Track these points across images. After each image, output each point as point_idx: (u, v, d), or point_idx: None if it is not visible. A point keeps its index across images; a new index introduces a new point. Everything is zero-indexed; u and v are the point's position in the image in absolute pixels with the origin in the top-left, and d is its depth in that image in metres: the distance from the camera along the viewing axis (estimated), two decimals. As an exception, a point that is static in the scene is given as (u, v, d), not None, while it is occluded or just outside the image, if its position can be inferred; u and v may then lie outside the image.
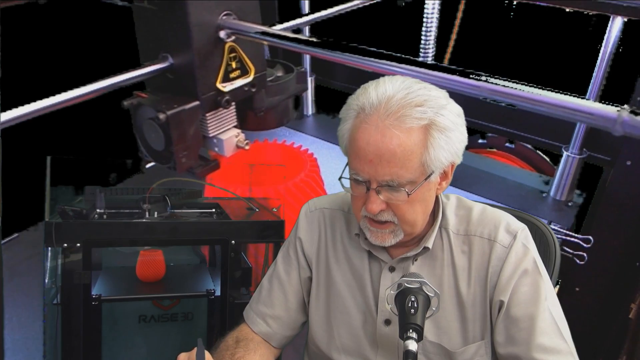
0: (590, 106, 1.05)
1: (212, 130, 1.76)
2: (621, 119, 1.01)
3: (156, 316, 1.30)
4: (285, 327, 1.13)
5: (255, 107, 1.85)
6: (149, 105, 1.59)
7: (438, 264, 1.01)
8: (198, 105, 1.62)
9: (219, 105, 1.68)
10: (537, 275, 0.96)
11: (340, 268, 1.08)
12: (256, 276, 1.42)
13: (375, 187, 0.91)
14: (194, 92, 1.62)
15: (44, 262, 1.23)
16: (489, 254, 0.97)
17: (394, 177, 0.89)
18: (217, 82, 1.66)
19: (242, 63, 1.73)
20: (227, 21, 1.61)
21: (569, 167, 2.22)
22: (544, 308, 0.94)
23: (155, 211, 1.33)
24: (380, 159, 0.88)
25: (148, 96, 1.63)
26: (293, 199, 1.98)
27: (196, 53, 1.57)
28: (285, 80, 1.94)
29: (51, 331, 1.22)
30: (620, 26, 1.91)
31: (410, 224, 0.95)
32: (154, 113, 1.55)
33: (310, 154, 2.26)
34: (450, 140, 0.90)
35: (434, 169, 0.91)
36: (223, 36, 1.62)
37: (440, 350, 0.99)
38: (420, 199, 0.93)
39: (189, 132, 1.62)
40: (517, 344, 0.94)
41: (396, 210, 0.93)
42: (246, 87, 1.76)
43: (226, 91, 1.69)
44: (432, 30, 2.51)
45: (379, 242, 0.97)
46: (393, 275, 1.02)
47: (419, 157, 0.89)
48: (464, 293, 0.98)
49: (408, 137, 0.87)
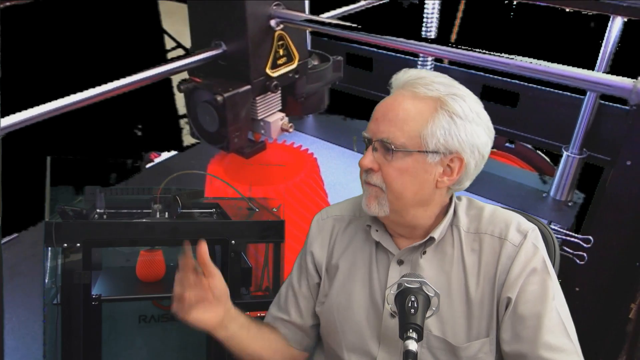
0: (608, 78, 1.23)
1: (261, 113, 1.88)
2: (636, 88, 1.15)
3: (156, 316, 1.30)
4: (300, 331, 1.17)
5: (297, 92, 1.99)
6: (205, 88, 1.71)
7: (447, 259, 1.01)
8: (250, 89, 1.75)
9: (268, 89, 1.82)
10: (546, 275, 0.97)
11: (347, 265, 1.10)
12: (256, 276, 1.42)
13: (373, 142, 0.97)
14: (246, 77, 1.75)
15: (44, 262, 1.23)
16: (499, 252, 0.98)
17: (390, 136, 0.94)
18: (267, 68, 1.79)
19: (289, 50, 1.87)
20: (277, 11, 1.75)
21: (569, 167, 2.22)
22: (552, 307, 0.94)
23: (166, 211, 1.34)
24: (384, 117, 0.96)
25: (202, 81, 1.75)
26: (293, 199, 1.98)
27: (250, 40, 1.71)
28: (323, 68, 2.07)
29: (51, 331, 1.22)
30: (620, 26, 1.91)
31: (395, 194, 0.97)
32: (211, 96, 1.67)
33: (310, 154, 2.26)
34: (456, 125, 0.94)
35: (430, 147, 0.94)
36: (273, 25, 1.76)
37: (444, 345, 1.00)
38: (411, 173, 0.95)
39: (242, 114, 1.75)
40: (523, 341, 0.94)
41: (385, 176, 0.97)
42: (290, 74, 1.90)
43: (274, 76, 1.82)
44: (432, 30, 2.51)
45: (366, 206, 1.01)
46: (401, 269, 1.03)
47: (418, 127, 0.94)
48: (472, 290, 0.99)
49: (414, 105, 0.95)
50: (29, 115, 1.37)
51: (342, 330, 1.08)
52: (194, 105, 1.77)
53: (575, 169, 2.21)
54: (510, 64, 1.34)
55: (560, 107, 2.32)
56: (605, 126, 2.14)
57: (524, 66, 1.32)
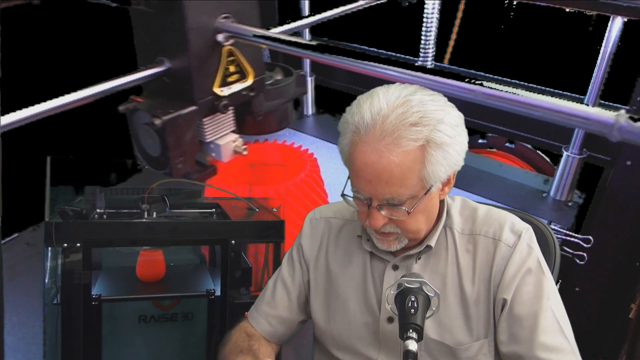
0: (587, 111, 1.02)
1: (210, 136, 1.72)
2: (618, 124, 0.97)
3: (156, 316, 1.30)
4: (286, 326, 1.16)
5: (254, 111, 1.83)
6: (144, 110, 1.56)
7: (442, 262, 1.01)
8: (195, 110, 1.59)
9: (217, 110, 1.65)
10: (541, 275, 0.96)
11: (341, 271, 1.09)
12: (256, 276, 1.42)
13: (376, 205, 0.92)
14: (190, 96, 1.59)
15: (44, 262, 1.23)
16: (493, 253, 0.98)
17: (394, 196, 0.90)
18: (215, 87, 1.62)
19: (241, 67, 1.70)
20: (225, 24, 1.58)
21: (569, 167, 2.22)
22: (547, 307, 0.94)
23: (154, 211, 1.33)
24: (378, 179, 0.88)
25: (144, 100, 1.60)
26: (293, 199, 1.98)
27: (193, 57, 1.54)
28: (285, 84, 1.92)
29: (51, 331, 1.22)
30: (620, 26, 1.91)
31: (413, 232, 0.97)
32: (150, 118, 1.52)
33: (310, 154, 2.26)
34: (448, 154, 0.90)
35: (433, 183, 0.91)
36: (221, 39, 1.59)
37: (443, 348, 0.99)
38: (422, 210, 0.95)
39: (186, 138, 1.59)
40: (520, 342, 0.94)
41: (399, 224, 0.95)
42: (244, 92, 1.72)
43: (224, 95, 1.65)
44: (432, 30, 2.51)
45: (385, 247, 1.00)
46: (396, 274, 1.03)
47: (417, 174, 0.89)
48: (468, 291, 0.98)
49: (405, 157, 0.87)
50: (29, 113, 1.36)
51: (340, 334, 1.08)
52: (136, 128, 1.62)
53: (575, 169, 2.21)
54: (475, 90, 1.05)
55: (560, 107, 2.32)
56: (605, 126, 2.14)
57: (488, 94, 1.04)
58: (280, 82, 1.92)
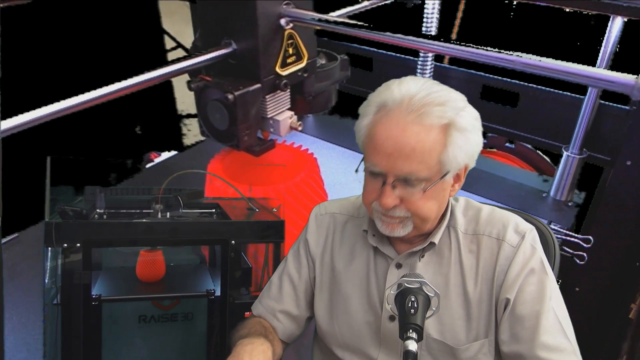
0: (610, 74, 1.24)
1: (270, 112, 1.90)
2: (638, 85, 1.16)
3: (156, 316, 1.30)
4: (293, 322, 1.16)
5: (306, 91, 2.01)
6: (215, 87, 1.72)
7: (445, 262, 1.01)
8: (260, 87, 1.78)
9: (278, 88, 1.84)
10: (544, 275, 0.97)
11: (345, 268, 1.09)
12: (256, 276, 1.42)
13: (391, 181, 0.92)
14: (256, 75, 1.77)
15: (44, 262, 1.23)
16: (497, 253, 0.98)
17: (412, 172, 0.90)
18: (277, 67, 1.81)
19: (298, 49, 1.89)
20: (287, 10, 1.77)
21: (569, 167, 2.22)
22: (549, 307, 0.94)
23: (167, 211, 1.34)
24: (399, 153, 0.89)
25: (212, 79, 1.76)
26: (293, 199, 1.98)
27: (261, 39, 1.72)
28: (331, 67, 2.09)
29: (51, 331, 1.22)
30: (620, 26, 1.91)
31: (422, 218, 0.96)
32: (221, 94, 1.69)
33: (310, 154, 2.26)
34: (469, 141, 0.93)
35: (450, 169, 0.93)
36: (283, 24, 1.78)
37: (443, 347, 1.00)
38: (435, 197, 0.95)
39: (252, 113, 1.77)
40: (521, 342, 0.94)
41: (410, 206, 0.94)
42: (300, 72, 1.93)
43: (284, 75, 1.85)
44: (432, 30, 2.51)
45: (388, 231, 0.98)
46: (400, 272, 1.03)
47: (437, 155, 0.90)
48: (471, 291, 0.99)
49: (428, 135, 0.89)
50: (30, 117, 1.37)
51: (341, 332, 1.08)
52: (204, 104, 1.79)
53: (575, 169, 2.21)
54: (514, 60, 1.35)
55: (560, 107, 2.32)
56: (605, 126, 2.14)
57: (527, 63, 1.33)
58: (327, 66, 2.10)
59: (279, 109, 1.93)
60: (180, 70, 1.69)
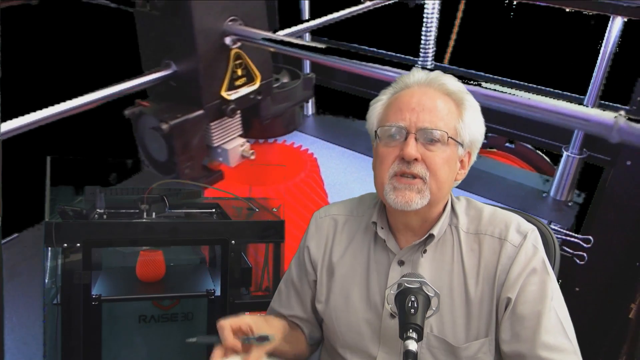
0: (587, 112, 1.07)
1: (217, 140, 1.71)
2: (618, 125, 1.02)
3: (156, 316, 1.30)
4: (310, 325, 1.17)
5: (262, 115, 1.82)
6: (151, 114, 1.55)
7: (447, 260, 1.02)
8: (202, 114, 1.58)
9: (224, 114, 1.64)
10: (545, 275, 0.97)
11: (343, 265, 1.09)
12: (256, 276, 1.42)
13: (414, 131, 0.95)
14: (198, 100, 1.57)
15: (44, 262, 1.23)
16: (499, 253, 0.98)
17: (434, 124, 0.95)
18: (222, 90, 1.62)
19: (248, 70, 1.69)
20: (233, 27, 1.58)
21: (569, 167, 2.22)
22: (550, 307, 0.94)
23: (153, 211, 1.33)
24: (422, 107, 0.96)
25: (150, 105, 1.58)
26: (293, 199, 1.98)
27: (201, 60, 1.53)
28: (292, 87, 1.92)
29: (51, 331, 1.22)
30: (620, 26, 1.91)
31: (439, 183, 0.96)
32: (157, 123, 1.51)
33: (310, 154, 2.26)
34: (477, 120, 1.00)
35: (463, 140, 0.98)
36: (229, 42, 1.59)
37: (443, 345, 1.00)
38: (450, 163, 0.97)
39: (193, 142, 1.58)
40: (522, 341, 0.94)
41: (430, 164, 0.95)
42: (252, 95, 1.72)
43: (231, 99, 1.64)
44: (432, 30, 2.51)
45: (403, 202, 0.96)
46: (402, 269, 1.03)
47: (454, 119, 0.97)
48: (472, 290, 0.99)
49: (446, 102, 0.97)
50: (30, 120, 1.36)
51: (340, 331, 1.08)
52: (142, 132, 1.61)
53: (575, 169, 2.21)
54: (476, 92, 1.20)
55: (560, 107, 2.32)
56: (605, 126, 2.14)
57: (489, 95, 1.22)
58: (287, 85, 1.93)
59: (228, 137, 1.73)
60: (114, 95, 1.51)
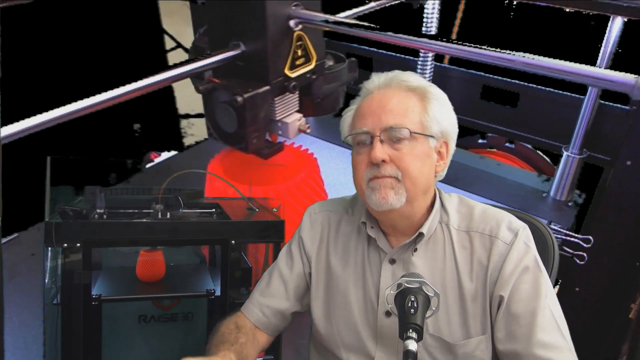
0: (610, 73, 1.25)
1: (279, 114, 1.88)
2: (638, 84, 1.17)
3: (156, 316, 1.30)
4: (280, 317, 1.16)
5: (314, 93, 2.00)
6: (224, 89, 1.70)
7: (439, 257, 1.02)
8: (269, 89, 1.75)
9: (286, 90, 1.82)
10: (538, 273, 0.97)
11: (340, 265, 1.09)
12: (256, 276, 1.42)
13: (378, 133, 0.97)
14: (265, 77, 1.75)
15: (44, 262, 1.23)
16: (489, 250, 0.98)
17: (397, 122, 0.96)
18: (285, 69, 1.80)
19: (307, 51, 1.88)
20: (296, 11, 1.76)
21: (569, 167, 2.22)
22: (544, 305, 0.94)
23: (167, 211, 1.33)
24: (383, 109, 0.98)
25: (221, 81, 1.74)
26: (293, 199, 1.98)
27: (270, 41, 1.71)
28: (339, 68, 2.08)
29: (51, 331, 1.22)
30: (620, 26, 1.91)
31: (412, 179, 0.97)
32: (229, 96, 1.67)
33: (310, 154, 2.26)
34: (444, 109, 1.01)
35: (431, 131, 0.98)
36: (292, 25, 1.76)
37: (440, 344, 1.00)
38: (421, 157, 0.98)
39: (260, 115, 1.75)
40: (517, 340, 0.94)
41: (399, 163, 0.96)
42: (308, 74, 1.91)
43: (293, 77, 1.83)
44: (432, 30, 2.51)
45: (380, 199, 0.97)
46: (394, 268, 1.03)
47: (418, 115, 0.99)
48: (466, 287, 0.99)
49: (407, 97, 1.00)
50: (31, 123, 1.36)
51: (338, 330, 1.08)
52: (213, 106, 1.77)
53: (575, 169, 2.21)
54: (515, 60, 1.36)
55: (560, 107, 2.32)
56: (605, 126, 2.14)
57: (528, 62, 1.34)
58: (335, 68, 2.08)
59: (288, 112, 1.91)
60: (188, 73, 1.66)
